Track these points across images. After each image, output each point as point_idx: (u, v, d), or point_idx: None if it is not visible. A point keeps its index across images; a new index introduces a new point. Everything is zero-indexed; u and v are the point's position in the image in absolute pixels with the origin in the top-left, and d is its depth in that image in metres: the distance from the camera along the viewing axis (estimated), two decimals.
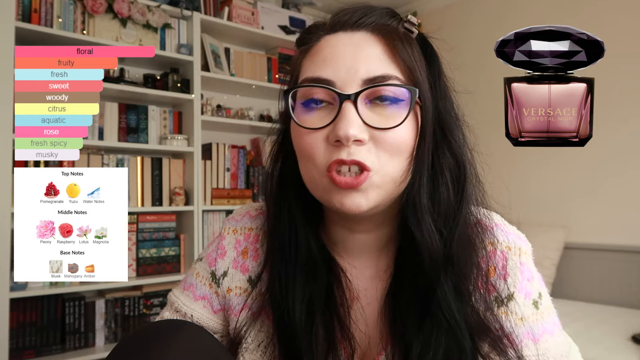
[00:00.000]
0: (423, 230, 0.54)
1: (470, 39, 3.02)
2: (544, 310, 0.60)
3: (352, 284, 0.60)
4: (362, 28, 0.56)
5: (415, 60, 0.55)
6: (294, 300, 0.57)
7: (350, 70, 0.53)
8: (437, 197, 0.55)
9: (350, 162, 0.51)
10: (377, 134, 0.52)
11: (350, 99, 0.51)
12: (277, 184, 0.62)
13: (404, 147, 0.53)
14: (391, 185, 0.54)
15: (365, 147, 0.52)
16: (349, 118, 0.51)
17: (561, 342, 0.60)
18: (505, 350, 0.55)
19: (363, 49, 0.54)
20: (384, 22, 0.57)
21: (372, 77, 0.52)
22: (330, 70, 0.54)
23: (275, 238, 0.61)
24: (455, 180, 0.56)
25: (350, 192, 0.52)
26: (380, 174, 0.52)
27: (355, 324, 0.59)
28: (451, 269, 0.54)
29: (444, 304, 0.53)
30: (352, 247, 0.61)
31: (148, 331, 0.54)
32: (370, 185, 0.52)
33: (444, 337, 0.53)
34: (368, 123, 0.52)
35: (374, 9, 0.58)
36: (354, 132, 0.50)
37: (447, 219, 0.55)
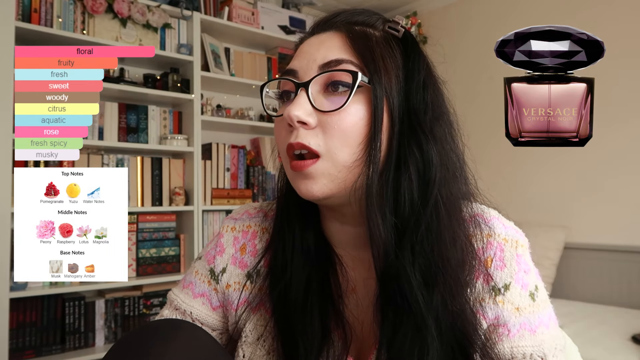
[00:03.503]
0: (371, 218, 0.54)
1: (470, 39, 3.02)
2: (540, 303, 0.60)
3: (349, 273, 0.60)
4: (330, 28, 0.59)
5: (379, 51, 0.56)
6: (291, 278, 0.59)
7: (309, 60, 0.57)
8: (398, 188, 0.54)
9: (297, 146, 0.54)
10: (325, 118, 0.54)
11: (303, 86, 0.55)
12: (284, 175, 0.64)
13: (351, 133, 0.54)
14: (344, 173, 0.54)
15: (313, 131, 0.54)
16: (297, 102, 0.54)
17: (556, 336, 0.61)
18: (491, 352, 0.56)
19: (324, 43, 0.58)
20: (354, 20, 0.60)
21: (326, 62, 0.55)
22: (297, 62, 0.58)
23: (279, 223, 0.63)
24: (422, 173, 0.55)
25: (302, 177, 0.55)
26: (329, 160, 0.54)
27: (351, 313, 0.59)
28: (419, 261, 0.53)
29: (410, 297, 0.53)
30: (346, 240, 0.62)
31: (145, 330, 0.54)
32: (320, 170, 0.54)
33: (410, 330, 0.53)
34: (316, 107, 0.54)
35: (347, 10, 0.61)
36: (297, 113, 0.53)
37: (408, 211, 0.54)
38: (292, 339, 0.57)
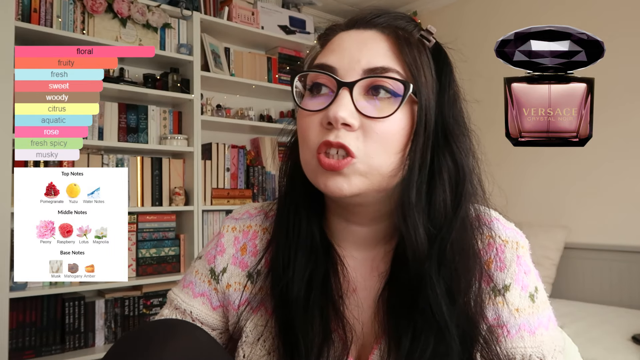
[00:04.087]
0: (409, 227, 0.54)
1: (470, 39, 3.02)
2: (539, 304, 0.61)
3: (350, 274, 0.61)
4: (373, 27, 0.58)
5: (420, 63, 0.56)
6: (293, 276, 0.59)
7: (352, 60, 0.55)
8: (432, 199, 0.56)
9: (336, 145, 0.53)
10: (367, 123, 0.54)
11: (347, 87, 0.54)
12: (290, 170, 0.64)
13: (392, 141, 0.54)
14: (377, 177, 0.55)
15: (354, 133, 0.54)
16: (341, 102, 0.53)
17: (556, 337, 0.61)
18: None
19: (368, 44, 0.56)
20: (397, 24, 0.59)
21: (373, 68, 0.54)
22: (335, 58, 0.56)
23: (282, 219, 0.63)
24: (454, 185, 0.56)
25: (333, 175, 0.54)
26: (365, 163, 0.54)
27: (351, 314, 0.59)
28: (445, 271, 0.55)
29: (435, 305, 0.54)
30: (350, 239, 0.63)
31: (144, 330, 0.54)
32: (354, 171, 0.54)
33: (432, 336, 0.54)
34: (360, 110, 0.53)
35: (389, 12, 0.60)
36: (343, 114, 0.52)
37: (440, 221, 0.55)
38: (293, 339, 0.57)
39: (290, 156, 0.64)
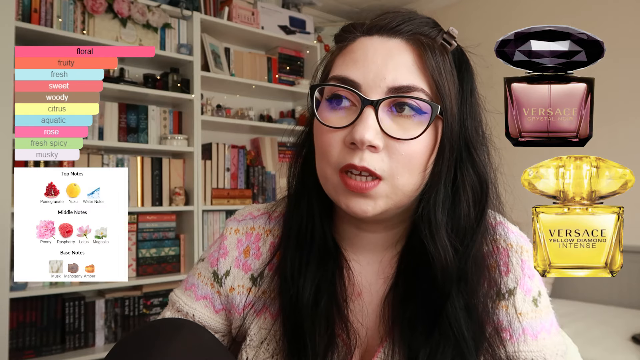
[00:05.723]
0: (438, 246, 0.54)
1: (470, 39, 3.01)
2: (542, 309, 0.61)
3: (355, 278, 0.60)
4: (398, 35, 0.55)
5: (444, 74, 0.54)
6: (304, 282, 0.58)
7: (377, 76, 0.53)
8: (456, 214, 0.55)
9: (360, 168, 0.52)
10: (393, 143, 0.52)
11: (372, 105, 0.52)
12: (300, 171, 0.63)
13: (417, 160, 0.53)
14: (400, 196, 0.54)
15: (379, 155, 0.52)
16: (367, 123, 0.51)
17: (558, 342, 0.61)
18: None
19: (394, 57, 0.54)
20: (422, 31, 0.56)
21: (398, 87, 0.52)
22: (359, 73, 0.54)
23: (293, 223, 0.61)
24: (478, 199, 0.56)
25: (358, 196, 0.53)
26: (390, 184, 0.53)
27: (355, 318, 0.59)
28: (464, 285, 0.54)
29: (454, 320, 0.53)
30: (358, 244, 0.62)
31: (147, 330, 0.54)
32: (379, 193, 0.53)
33: (450, 350, 0.53)
34: (385, 131, 0.52)
35: (414, 17, 0.57)
36: (369, 137, 0.51)
37: (464, 236, 0.55)
38: (301, 343, 0.57)
39: (299, 159, 0.63)
